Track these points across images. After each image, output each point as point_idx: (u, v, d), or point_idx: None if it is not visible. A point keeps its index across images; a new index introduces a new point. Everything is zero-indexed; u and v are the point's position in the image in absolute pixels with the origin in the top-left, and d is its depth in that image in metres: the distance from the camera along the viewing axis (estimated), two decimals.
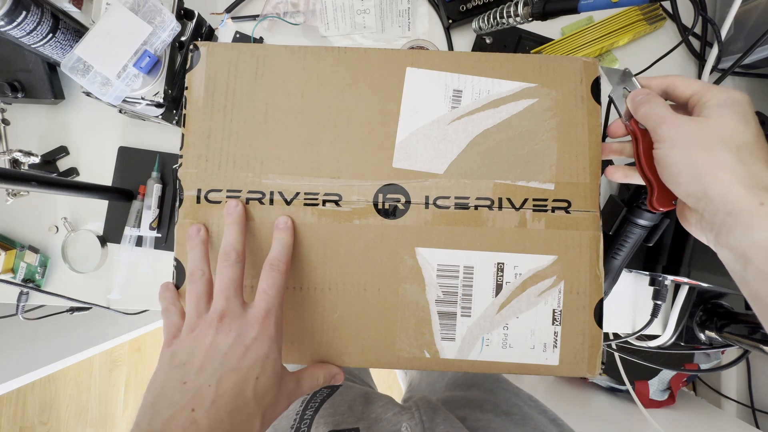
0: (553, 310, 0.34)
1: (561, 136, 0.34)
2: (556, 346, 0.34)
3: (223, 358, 0.27)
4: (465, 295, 0.34)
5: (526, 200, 0.34)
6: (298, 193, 0.34)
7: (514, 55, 0.35)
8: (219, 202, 0.34)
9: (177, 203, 0.34)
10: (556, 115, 0.35)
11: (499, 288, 0.34)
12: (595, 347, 0.34)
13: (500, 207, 0.34)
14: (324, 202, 0.34)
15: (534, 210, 0.34)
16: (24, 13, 0.41)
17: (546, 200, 0.34)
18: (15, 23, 0.41)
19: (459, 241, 0.34)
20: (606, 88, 0.34)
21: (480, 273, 0.34)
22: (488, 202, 0.34)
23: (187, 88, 0.35)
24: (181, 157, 0.34)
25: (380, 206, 0.34)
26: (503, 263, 0.34)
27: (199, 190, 0.34)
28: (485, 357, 0.34)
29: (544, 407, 0.48)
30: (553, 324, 0.34)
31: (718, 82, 0.45)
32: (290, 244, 0.33)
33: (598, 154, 0.34)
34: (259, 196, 0.34)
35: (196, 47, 0.35)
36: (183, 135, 0.35)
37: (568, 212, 0.34)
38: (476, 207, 0.34)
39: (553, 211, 0.34)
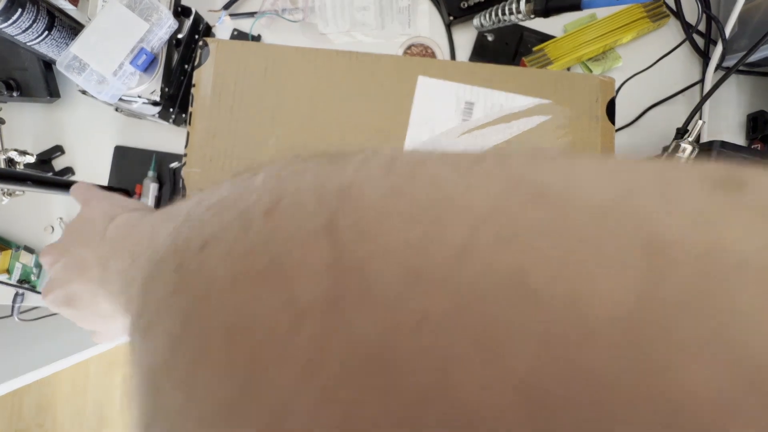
0: None
1: None
2: None
3: None
4: None
5: None
6: None
7: (529, 70, 0.34)
8: None
9: None
10: (568, 133, 0.34)
11: None
12: None
13: None
14: None
15: None
16: (19, 10, 0.40)
17: None
18: (10, 21, 0.40)
19: None
20: None
21: None
22: None
23: (194, 86, 0.34)
24: (185, 155, 0.34)
25: None
26: None
27: (202, 191, 0.34)
28: None
29: None
30: None
31: (722, 80, 0.45)
32: None
33: None
34: None
35: (205, 43, 0.34)
36: (188, 133, 0.34)
37: None
38: None
39: None
